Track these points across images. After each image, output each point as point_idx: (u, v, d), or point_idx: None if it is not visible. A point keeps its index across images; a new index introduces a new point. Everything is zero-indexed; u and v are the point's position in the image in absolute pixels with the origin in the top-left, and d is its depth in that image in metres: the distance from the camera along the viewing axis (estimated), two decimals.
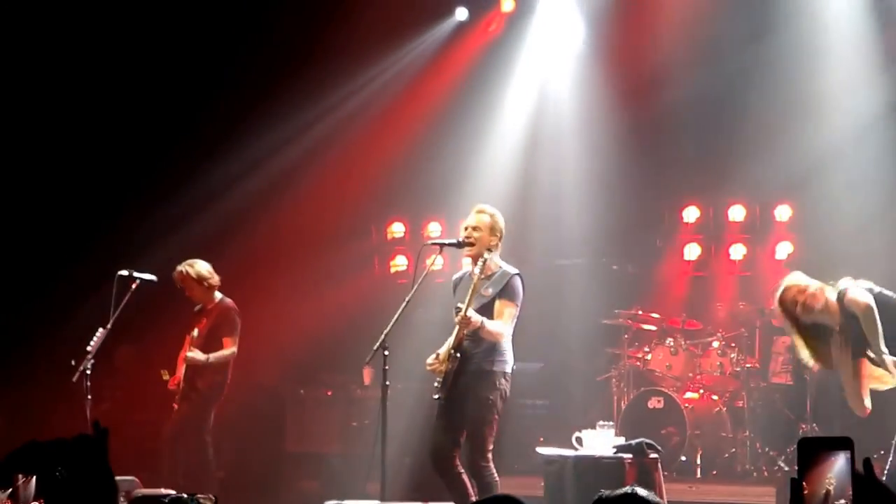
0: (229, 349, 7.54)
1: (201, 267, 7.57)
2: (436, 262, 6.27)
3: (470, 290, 5.68)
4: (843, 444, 2.21)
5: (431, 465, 5.89)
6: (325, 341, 9.09)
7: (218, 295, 7.65)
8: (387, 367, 5.77)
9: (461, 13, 9.70)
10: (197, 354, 7.39)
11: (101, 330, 6.84)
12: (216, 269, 7.65)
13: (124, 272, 6.97)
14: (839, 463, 2.19)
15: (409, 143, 9.46)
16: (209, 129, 9.34)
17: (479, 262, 5.71)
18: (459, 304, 5.68)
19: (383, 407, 5.74)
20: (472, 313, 5.64)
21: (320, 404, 8.92)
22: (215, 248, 8.41)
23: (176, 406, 7.54)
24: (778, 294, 5.17)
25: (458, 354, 5.72)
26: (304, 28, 9.29)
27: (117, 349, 9.00)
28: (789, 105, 8.54)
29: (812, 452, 2.22)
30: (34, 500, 2.63)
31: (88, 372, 6.73)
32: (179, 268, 7.56)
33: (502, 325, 5.78)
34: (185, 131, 9.33)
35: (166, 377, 7.73)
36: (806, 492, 2.19)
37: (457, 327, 5.70)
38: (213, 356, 7.44)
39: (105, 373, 8.36)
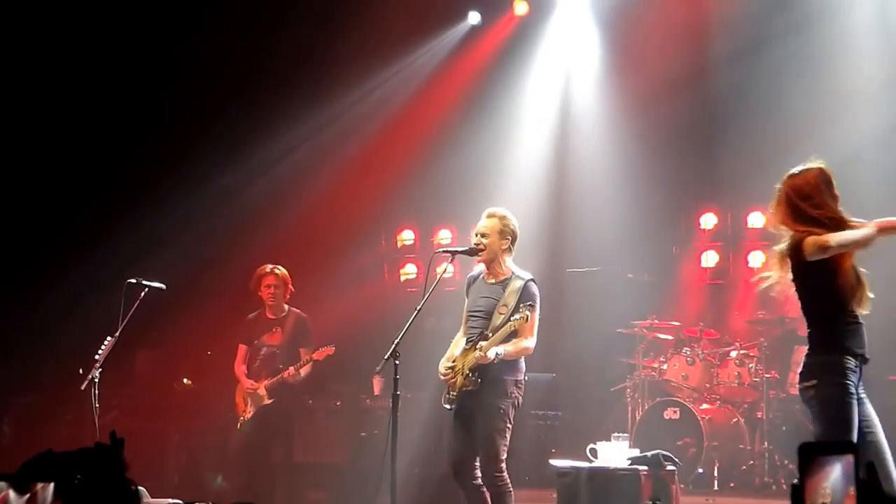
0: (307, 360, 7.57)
1: None
2: (447, 270, 6.17)
3: (498, 330, 5.64)
4: (846, 448, 2.17)
5: (454, 478, 5.83)
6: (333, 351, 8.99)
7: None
8: (398, 377, 5.68)
9: (474, 17, 9.63)
10: (300, 374, 7.43)
11: (109, 338, 6.79)
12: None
13: (133, 280, 6.93)
14: (835, 472, 2.16)
15: (418, 149, 9.38)
16: (217, 136, 9.30)
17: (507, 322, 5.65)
18: (485, 339, 5.64)
19: (394, 417, 5.64)
20: (491, 353, 5.62)
21: (329, 415, 8.84)
22: (223, 256, 8.35)
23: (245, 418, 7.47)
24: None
25: (478, 378, 5.66)
26: (316, 34, 9.26)
27: (138, 352, 8.95)
28: (808, 110, 8.38)
29: (812, 457, 2.18)
30: (52, 503, 2.64)
31: (97, 380, 6.67)
32: (271, 268, 7.49)
33: (527, 341, 5.75)
34: (192, 141, 9.28)
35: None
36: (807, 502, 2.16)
37: (475, 352, 5.67)
38: (303, 372, 7.49)
39: (115, 380, 8.30)
